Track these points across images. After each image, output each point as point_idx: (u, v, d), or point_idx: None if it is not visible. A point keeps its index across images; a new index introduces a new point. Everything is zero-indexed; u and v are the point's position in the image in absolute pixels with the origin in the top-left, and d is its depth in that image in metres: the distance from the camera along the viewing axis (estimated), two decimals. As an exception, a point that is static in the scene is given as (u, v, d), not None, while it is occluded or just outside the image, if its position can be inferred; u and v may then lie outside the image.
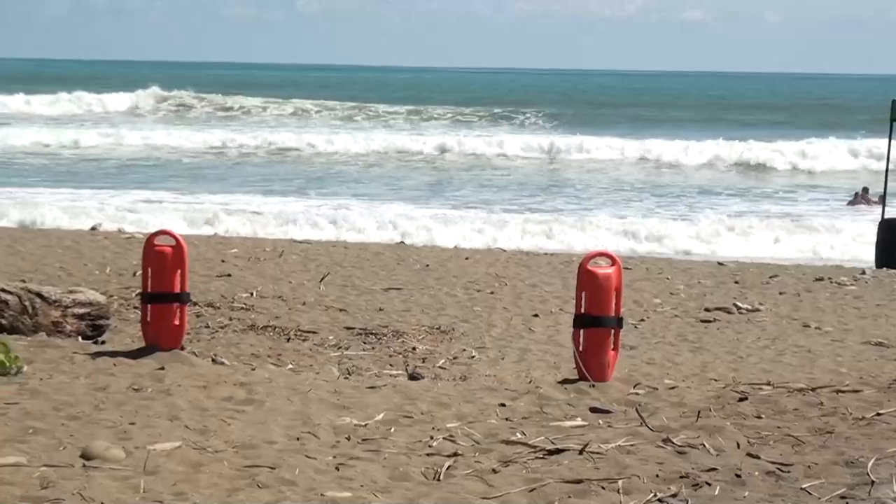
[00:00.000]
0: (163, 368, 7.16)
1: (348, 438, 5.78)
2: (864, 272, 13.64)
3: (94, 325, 8.50)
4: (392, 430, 5.93)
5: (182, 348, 7.74)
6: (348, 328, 9.89)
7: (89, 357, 7.44)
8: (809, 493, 4.96)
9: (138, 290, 9.11)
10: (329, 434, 5.84)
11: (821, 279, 12.88)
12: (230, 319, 9.92)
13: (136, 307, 9.58)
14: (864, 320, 10.63)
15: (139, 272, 8.94)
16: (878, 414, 6.14)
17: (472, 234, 19.77)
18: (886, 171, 17.30)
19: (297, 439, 5.73)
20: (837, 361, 8.93)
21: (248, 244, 14.83)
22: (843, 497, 4.91)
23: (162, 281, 7.61)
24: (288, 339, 9.33)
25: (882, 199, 17.30)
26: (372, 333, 9.69)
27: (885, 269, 14.51)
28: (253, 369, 7.56)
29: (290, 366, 8.32)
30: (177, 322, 7.64)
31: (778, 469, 5.27)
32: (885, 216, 16.59)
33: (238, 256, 13.51)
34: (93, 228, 17.35)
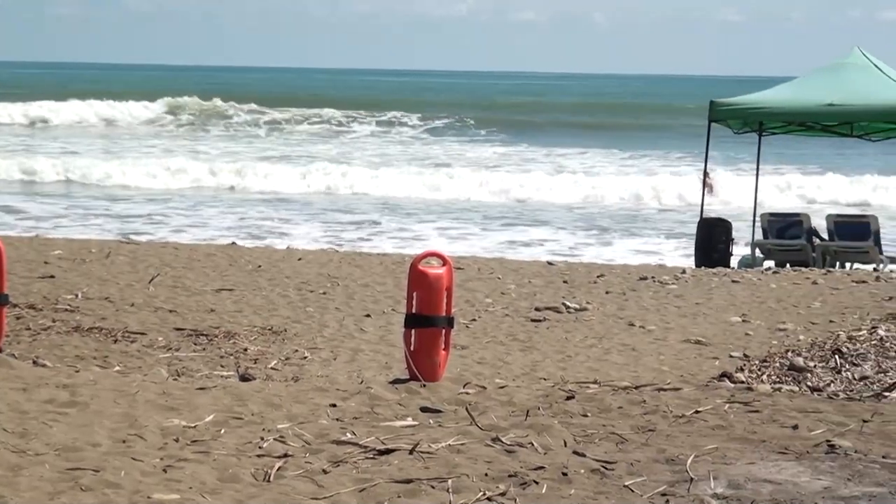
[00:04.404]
0: (-19, 371, 6.92)
1: (176, 440, 5.69)
2: (684, 271, 14.05)
3: None
4: (222, 431, 5.86)
5: (0, 350, 7.49)
6: (178, 329, 9.74)
7: None
8: (632, 491, 5.10)
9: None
10: (156, 436, 5.74)
11: (644, 278, 13.21)
12: (53, 321, 9.65)
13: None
14: (684, 319, 10.96)
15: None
16: (697, 412, 6.35)
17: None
18: (705, 170, 17.84)
19: (123, 441, 5.62)
20: (660, 360, 9.19)
21: (73, 245, 14.46)
22: (663, 494, 5.05)
23: (-21, 282, 7.35)
24: (115, 341, 9.13)
25: (701, 197, 17.76)
26: (203, 334, 9.56)
27: (703, 268, 14.98)
28: (77, 371, 7.37)
29: (117, 367, 8.14)
30: (-5, 324, 7.39)
31: (602, 467, 5.39)
32: (703, 216, 17.09)
33: (62, 258, 13.16)
34: None
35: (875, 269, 15.22)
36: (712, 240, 16.41)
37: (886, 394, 7.02)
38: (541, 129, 51.23)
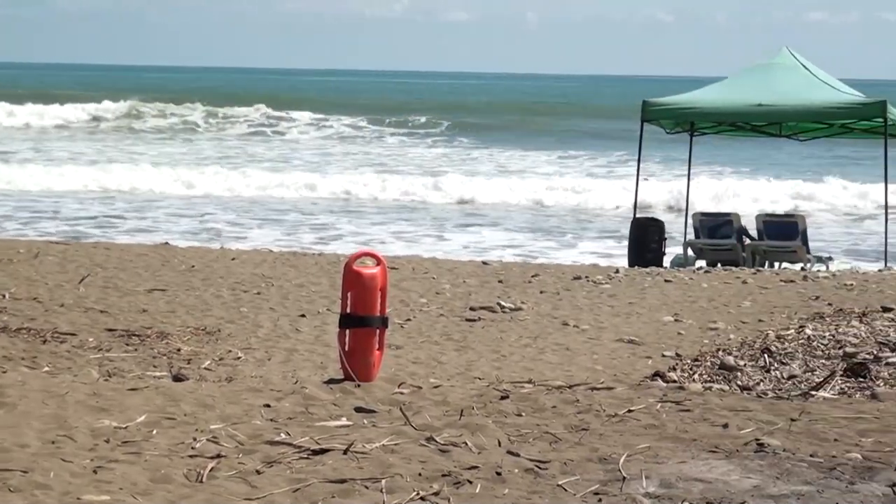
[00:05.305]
0: None
1: (107, 441, 5.64)
2: (617, 271, 14.16)
3: None
4: (154, 431, 5.82)
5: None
6: (110, 330, 9.63)
7: None
8: (565, 490, 5.13)
9: None
10: (87, 437, 5.68)
11: (578, 278, 13.28)
12: (-19, 321, 9.51)
13: None
14: (617, 318, 11.04)
15: None
16: (630, 411, 6.41)
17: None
18: (638, 169, 17.98)
19: (53, 443, 5.55)
20: (593, 359, 9.25)
21: None
22: (596, 493, 5.09)
23: None
24: (44, 342, 9.01)
25: (635, 197, 17.89)
26: (135, 335, 9.47)
27: (636, 267, 15.09)
28: (4, 372, 7.28)
29: (47, 368, 8.04)
30: (-78, 324, 7.27)
31: (536, 466, 5.42)
32: (637, 216, 17.21)
33: (-11, 258, 12.97)
34: None
35: (802, 269, 15.45)
36: (645, 239, 16.54)
37: (814, 393, 7.13)
38: (480, 130, 51.20)
